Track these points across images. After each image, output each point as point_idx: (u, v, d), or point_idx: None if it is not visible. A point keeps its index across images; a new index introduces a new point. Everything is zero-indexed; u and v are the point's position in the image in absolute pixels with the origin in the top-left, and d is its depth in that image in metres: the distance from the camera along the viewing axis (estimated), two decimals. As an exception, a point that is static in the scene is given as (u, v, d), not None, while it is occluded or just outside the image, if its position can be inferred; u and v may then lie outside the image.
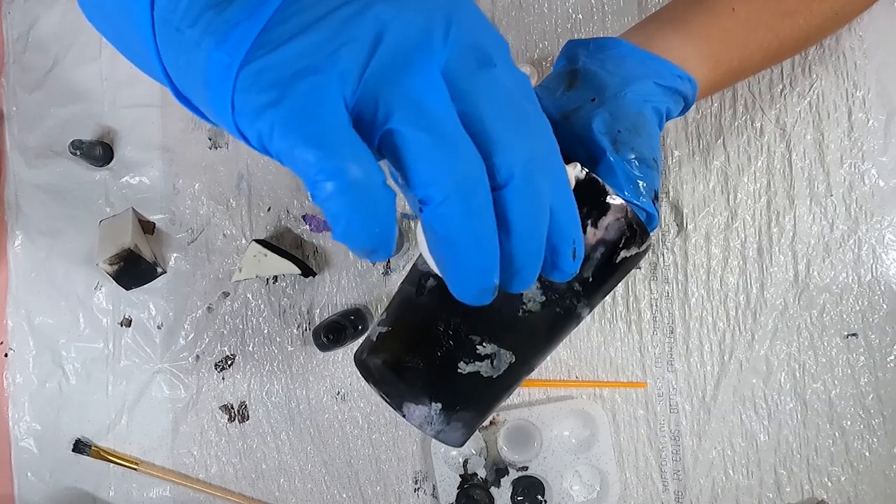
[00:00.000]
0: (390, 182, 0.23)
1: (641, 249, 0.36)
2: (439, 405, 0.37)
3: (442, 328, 0.36)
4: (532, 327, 0.37)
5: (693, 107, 0.58)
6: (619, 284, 0.57)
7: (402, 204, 0.60)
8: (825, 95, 0.58)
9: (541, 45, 0.60)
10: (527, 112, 0.24)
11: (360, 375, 0.39)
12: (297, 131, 0.21)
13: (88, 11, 0.25)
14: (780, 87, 0.58)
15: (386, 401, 0.38)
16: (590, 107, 0.38)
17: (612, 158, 0.36)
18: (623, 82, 0.38)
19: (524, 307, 0.36)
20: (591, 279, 0.35)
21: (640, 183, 0.37)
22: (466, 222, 0.22)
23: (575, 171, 0.34)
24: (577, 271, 0.27)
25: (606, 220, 0.34)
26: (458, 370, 0.36)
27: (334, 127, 0.21)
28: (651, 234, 0.36)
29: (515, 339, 0.37)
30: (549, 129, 0.25)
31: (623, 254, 0.35)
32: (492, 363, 0.36)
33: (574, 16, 0.60)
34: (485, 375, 0.36)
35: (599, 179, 0.34)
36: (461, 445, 0.39)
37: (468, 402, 0.38)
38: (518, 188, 0.23)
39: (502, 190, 0.23)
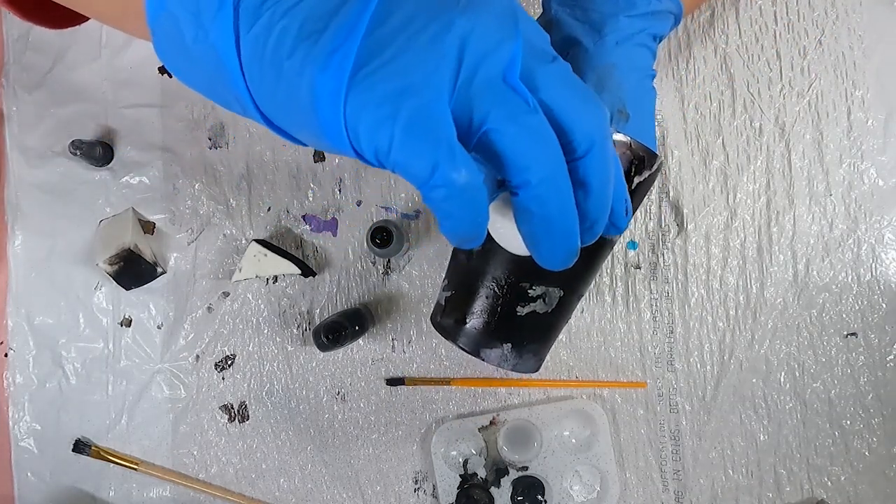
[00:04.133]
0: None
1: (654, 170, 0.40)
2: (509, 345, 0.44)
3: (495, 284, 0.43)
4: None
5: (692, 106, 0.58)
6: (622, 280, 0.57)
7: (405, 205, 0.60)
8: (824, 95, 0.58)
9: (540, 45, 0.60)
10: (586, 90, 0.27)
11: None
12: (413, 145, 0.23)
13: (169, 58, 0.27)
14: (780, 86, 0.58)
15: (465, 351, 0.45)
16: None
17: None
18: (593, 29, 0.39)
19: None
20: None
21: None
22: (560, 199, 0.26)
23: None
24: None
25: None
26: (518, 313, 0.43)
27: (445, 139, 0.23)
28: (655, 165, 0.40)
29: (559, 277, 0.42)
30: (599, 101, 0.27)
31: (637, 180, 0.40)
32: (544, 301, 0.43)
33: (574, 16, 0.60)
34: (540, 312, 0.43)
35: None
36: (537, 371, 0.47)
37: (532, 336, 0.45)
38: (597, 156, 0.26)
39: (582, 160, 0.26)
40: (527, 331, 0.44)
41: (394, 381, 0.60)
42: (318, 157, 0.61)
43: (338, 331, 0.55)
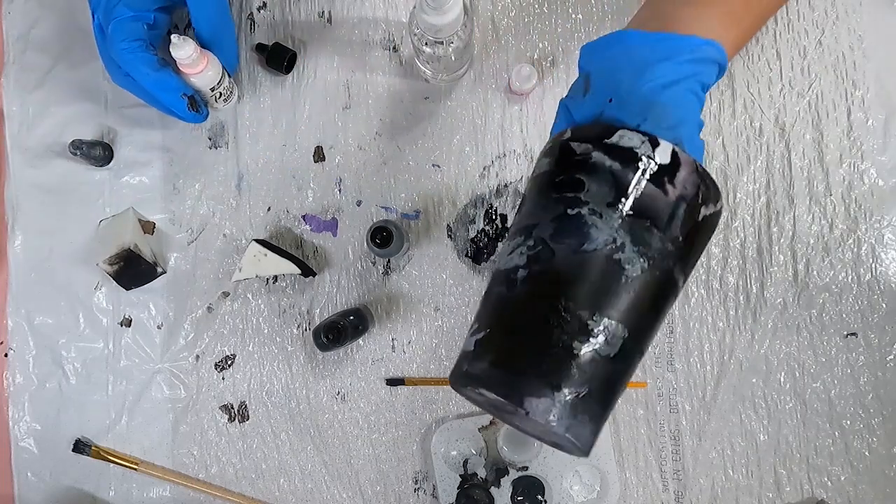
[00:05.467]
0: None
1: (717, 208, 0.38)
2: (563, 393, 0.34)
3: (548, 310, 0.34)
4: (636, 294, 0.35)
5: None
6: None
7: (405, 205, 0.60)
8: (824, 95, 0.58)
9: (541, 45, 0.60)
10: None
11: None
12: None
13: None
14: (780, 86, 0.58)
15: (502, 402, 0.35)
16: (608, 109, 0.39)
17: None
18: (635, 75, 0.38)
19: (625, 272, 0.35)
20: (680, 238, 0.36)
21: None
22: None
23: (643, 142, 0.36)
24: (203, 118, 0.37)
25: (681, 174, 0.36)
26: (574, 350, 0.34)
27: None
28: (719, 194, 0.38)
29: (623, 308, 0.35)
30: None
31: (703, 211, 0.37)
32: (607, 340, 0.34)
33: (574, 16, 0.60)
34: (602, 354, 0.34)
35: (666, 142, 0.36)
36: (588, 448, 0.35)
37: (591, 386, 0.35)
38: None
39: None
40: (586, 377, 0.34)
41: (394, 381, 0.60)
42: (318, 157, 0.61)
43: (338, 331, 0.55)
